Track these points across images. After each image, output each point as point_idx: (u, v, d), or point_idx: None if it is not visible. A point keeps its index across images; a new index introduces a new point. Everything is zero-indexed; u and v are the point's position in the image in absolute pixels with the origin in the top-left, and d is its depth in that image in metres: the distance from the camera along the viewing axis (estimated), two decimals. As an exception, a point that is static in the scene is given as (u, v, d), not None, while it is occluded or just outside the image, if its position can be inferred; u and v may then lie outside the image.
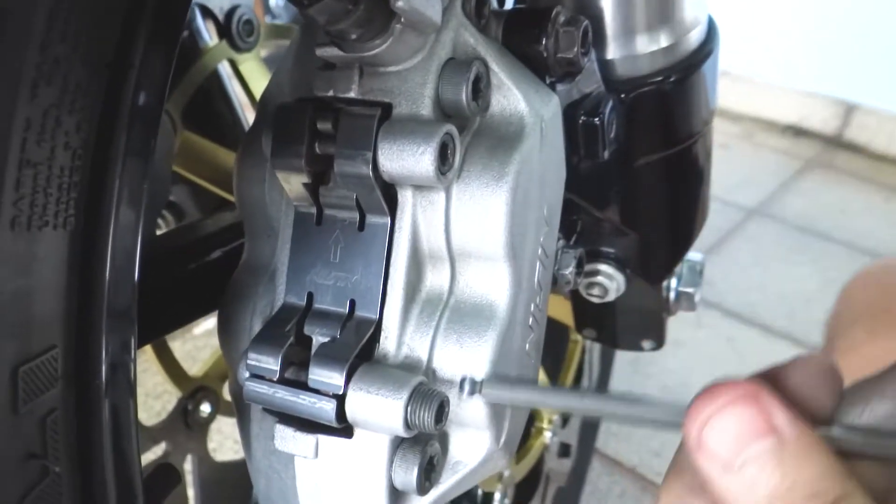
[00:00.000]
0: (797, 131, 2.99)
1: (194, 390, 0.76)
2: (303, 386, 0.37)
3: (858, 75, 2.84)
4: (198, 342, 1.58)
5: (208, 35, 0.75)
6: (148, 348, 0.77)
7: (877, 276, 0.88)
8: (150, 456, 0.72)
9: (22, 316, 0.27)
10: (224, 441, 1.35)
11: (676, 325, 1.82)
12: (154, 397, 1.45)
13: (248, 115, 0.80)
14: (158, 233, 0.73)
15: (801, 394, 0.29)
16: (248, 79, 0.76)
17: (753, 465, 0.26)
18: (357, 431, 0.38)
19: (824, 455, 0.27)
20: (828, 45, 2.84)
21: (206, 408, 0.77)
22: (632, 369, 1.65)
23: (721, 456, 0.27)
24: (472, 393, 0.36)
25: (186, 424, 0.75)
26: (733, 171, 2.64)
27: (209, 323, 1.64)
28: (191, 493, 0.81)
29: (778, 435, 0.27)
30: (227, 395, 0.83)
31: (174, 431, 0.74)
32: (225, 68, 0.79)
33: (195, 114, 0.74)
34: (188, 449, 0.77)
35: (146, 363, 1.46)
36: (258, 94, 0.77)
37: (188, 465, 0.81)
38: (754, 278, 2.04)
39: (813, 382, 0.30)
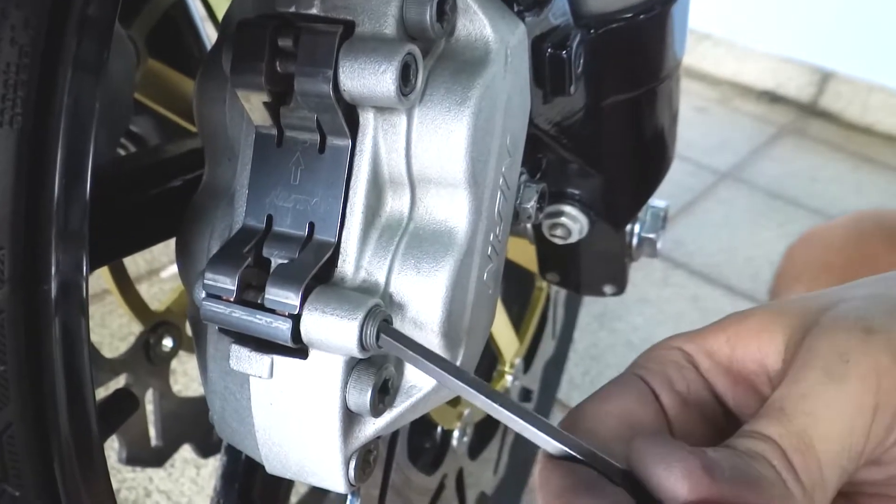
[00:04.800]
0: (773, 97, 3.01)
1: (156, 325, 0.76)
2: (259, 306, 0.37)
3: (836, 42, 2.85)
4: (165, 285, 1.57)
5: (175, -40, 0.73)
6: (113, 288, 0.77)
7: (820, 236, 0.90)
8: (111, 388, 0.72)
9: (-35, 211, 0.27)
10: (190, 383, 1.35)
11: (643, 283, 1.85)
12: (120, 338, 1.44)
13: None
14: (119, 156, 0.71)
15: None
16: (216, 8, 0.74)
17: None
18: (312, 352, 0.38)
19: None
20: (807, 12, 2.84)
21: (167, 342, 0.77)
22: (598, 325, 1.67)
23: None
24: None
25: (148, 358, 0.75)
26: (709, 134, 2.65)
27: (176, 266, 1.63)
28: (153, 431, 0.82)
29: None
30: (190, 331, 0.83)
31: (135, 365, 0.74)
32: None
33: (160, 42, 0.72)
34: (149, 383, 0.77)
35: (112, 304, 1.45)
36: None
37: (151, 404, 0.81)
38: (723, 240, 2.07)
39: None
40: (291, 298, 0.36)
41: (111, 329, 1.44)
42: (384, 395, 0.39)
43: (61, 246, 0.33)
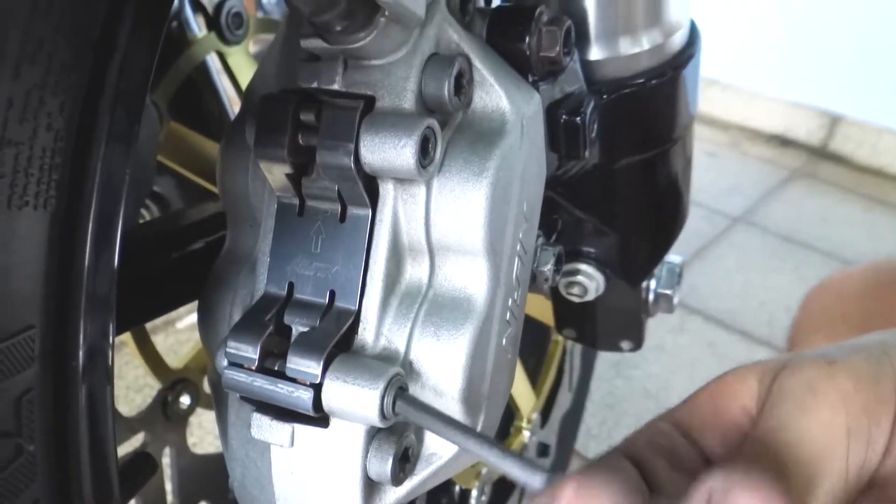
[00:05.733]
0: (783, 141, 3.02)
1: (174, 382, 0.76)
2: (281, 375, 0.37)
3: (844, 87, 2.87)
4: (180, 336, 1.58)
5: (197, 27, 0.75)
6: (129, 340, 0.77)
7: (837, 286, 0.90)
8: (128, 448, 0.72)
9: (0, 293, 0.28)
10: (205, 436, 1.35)
11: (659, 330, 1.84)
12: (135, 390, 1.44)
13: (236, 108, 0.80)
14: (142, 222, 0.73)
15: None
16: (237, 72, 0.76)
17: None
18: (333, 421, 0.38)
19: None
20: (815, 57, 2.88)
21: (185, 400, 0.77)
22: (614, 372, 1.66)
23: None
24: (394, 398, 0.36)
25: (165, 416, 0.75)
26: (720, 179, 2.66)
27: (192, 317, 1.64)
28: (169, 486, 0.81)
29: None
30: (207, 387, 0.83)
31: (153, 422, 0.74)
32: (214, 61, 0.79)
33: (182, 105, 0.74)
34: (167, 440, 0.76)
35: (128, 356, 1.45)
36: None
37: (167, 459, 0.81)
38: (737, 285, 2.06)
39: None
40: (313, 368, 0.37)
41: (127, 381, 1.45)
42: (405, 463, 0.39)
43: (89, 316, 0.33)
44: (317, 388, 0.36)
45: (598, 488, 0.27)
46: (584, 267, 0.57)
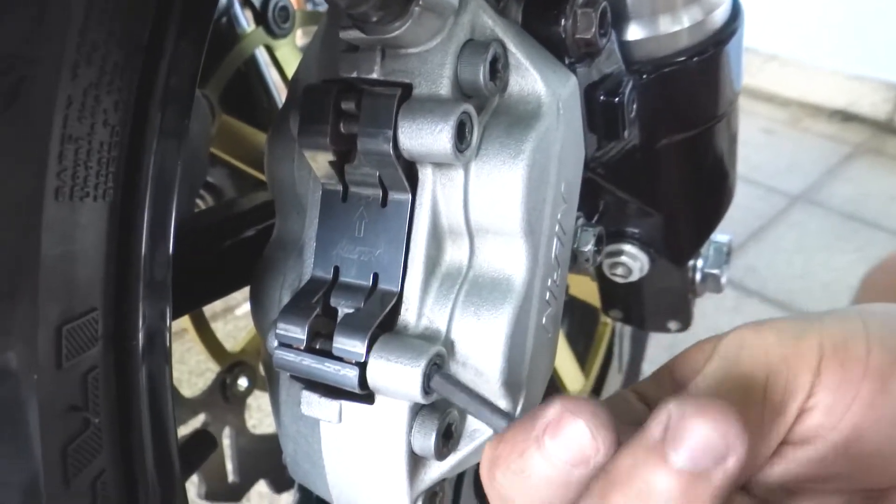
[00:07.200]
0: (846, 116, 2.92)
1: (232, 365, 0.79)
2: (328, 354, 0.39)
3: (911, 58, 2.75)
4: (239, 322, 1.63)
5: (245, 22, 0.77)
6: (190, 327, 0.81)
7: None
8: (190, 428, 0.76)
9: (65, 279, 0.30)
10: (264, 418, 1.39)
11: (714, 312, 1.80)
12: (198, 374, 1.50)
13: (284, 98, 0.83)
14: (197, 211, 0.76)
15: None
16: (284, 64, 0.78)
17: None
18: (378, 398, 0.40)
19: None
20: (878, 28, 2.76)
21: (243, 382, 0.80)
22: (668, 356, 1.63)
23: None
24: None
25: (224, 397, 0.79)
26: (779, 156, 2.59)
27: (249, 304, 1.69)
28: (229, 466, 0.85)
29: None
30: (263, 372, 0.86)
31: (213, 404, 0.78)
32: (262, 54, 0.82)
33: (233, 98, 0.76)
34: (226, 421, 0.80)
35: (190, 342, 1.51)
36: (294, 78, 0.79)
37: (227, 440, 0.84)
38: (797, 266, 2.00)
39: None
40: (358, 347, 0.38)
41: (189, 366, 1.50)
42: (448, 438, 0.41)
43: (147, 300, 0.36)
44: (362, 367, 0.38)
45: (581, 409, 0.29)
46: (627, 247, 0.57)
